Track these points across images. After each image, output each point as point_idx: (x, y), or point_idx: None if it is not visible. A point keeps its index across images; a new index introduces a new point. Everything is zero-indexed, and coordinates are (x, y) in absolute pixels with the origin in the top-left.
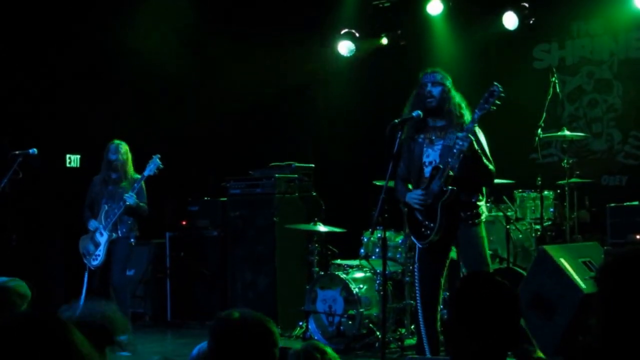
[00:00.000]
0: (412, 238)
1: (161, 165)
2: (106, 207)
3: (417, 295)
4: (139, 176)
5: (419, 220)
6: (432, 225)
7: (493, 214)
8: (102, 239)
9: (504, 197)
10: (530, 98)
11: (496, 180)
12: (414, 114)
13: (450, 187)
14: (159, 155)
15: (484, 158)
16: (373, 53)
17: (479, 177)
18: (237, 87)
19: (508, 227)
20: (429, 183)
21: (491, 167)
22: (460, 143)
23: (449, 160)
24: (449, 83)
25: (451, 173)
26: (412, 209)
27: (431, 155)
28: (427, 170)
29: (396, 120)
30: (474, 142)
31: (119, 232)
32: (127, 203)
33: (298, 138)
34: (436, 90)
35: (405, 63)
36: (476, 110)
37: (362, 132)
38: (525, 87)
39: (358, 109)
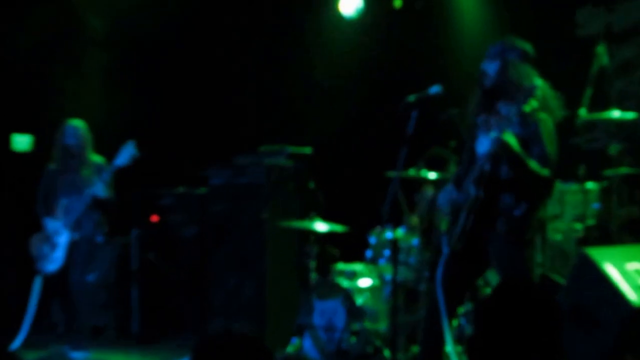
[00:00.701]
0: (443, 240)
1: (136, 154)
2: (65, 202)
3: (440, 301)
4: (101, 160)
5: (450, 221)
6: (454, 229)
7: None
8: (62, 239)
9: None
10: (571, 71)
11: None
12: (431, 90)
13: (477, 193)
14: (134, 142)
15: (529, 164)
16: (384, 17)
17: (525, 185)
18: (217, 54)
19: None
20: (466, 177)
21: (544, 172)
22: (488, 144)
23: (485, 153)
24: (513, 55)
25: (488, 169)
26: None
27: (483, 144)
28: (478, 163)
29: (411, 97)
30: (510, 145)
31: (83, 230)
32: (95, 195)
33: (293, 117)
34: (492, 68)
35: (423, 31)
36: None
37: (370, 112)
38: (565, 58)
39: (366, 83)
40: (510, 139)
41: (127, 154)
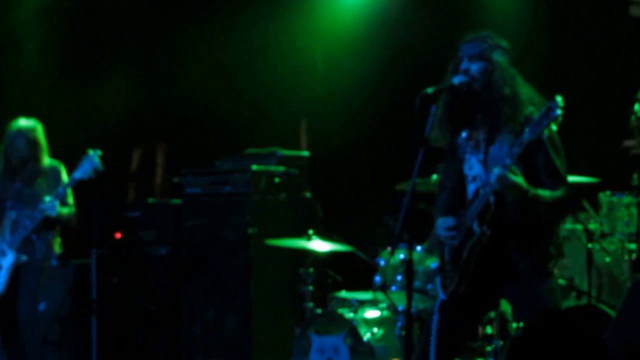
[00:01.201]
0: (437, 280)
1: (100, 167)
2: (13, 215)
3: (432, 353)
4: (57, 165)
5: (444, 258)
6: (453, 271)
7: (568, 226)
8: (5, 261)
9: (585, 203)
10: (622, 60)
11: (573, 179)
12: (455, 80)
13: (482, 229)
14: (99, 152)
15: (540, 195)
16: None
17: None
18: (199, 43)
19: (590, 246)
20: (467, 209)
21: (557, 194)
22: (492, 181)
23: (486, 190)
24: (498, 56)
25: (492, 207)
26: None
27: (475, 167)
28: (471, 188)
29: (428, 90)
30: (518, 184)
31: (36, 252)
32: (47, 214)
33: (286, 115)
34: (475, 69)
35: (441, 15)
36: (525, 133)
37: (378, 109)
38: (615, 43)
39: (373, 75)
40: (518, 179)
41: (89, 165)
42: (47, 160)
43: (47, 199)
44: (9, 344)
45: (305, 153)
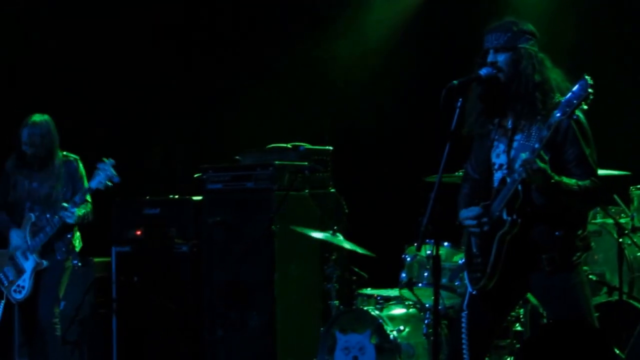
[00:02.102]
0: (465, 275)
1: (116, 177)
2: (33, 217)
3: (464, 350)
4: (74, 158)
5: (472, 252)
6: (484, 264)
7: (598, 220)
8: (28, 264)
9: (615, 197)
10: None
11: (604, 172)
12: (482, 71)
13: (512, 218)
14: (112, 161)
15: (565, 183)
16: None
17: (565, 207)
18: (219, 31)
19: (621, 240)
20: (493, 198)
21: (587, 184)
22: (517, 166)
23: (514, 177)
24: (529, 44)
25: (520, 195)
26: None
27: (502, 156)
28: (497, 177)
29: (455, 82)
30: (543, 169)
31: (57, 254)
32: (65, 221)
33: (309, 108)
34: (502, 60)
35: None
36: (554, 115)
37: (405, 101)
38: None
39: (400, 65)
40: (543, 165)
41: (103, 175)
42: (62, 154)
43: (65, 205)
44: (30, 344)
45: (329, 147)
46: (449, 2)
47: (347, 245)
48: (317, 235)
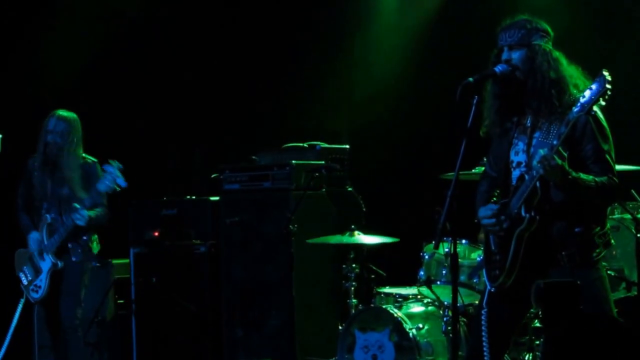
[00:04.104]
0: (483, 272)
1: (123, 181)
2: (49, 218)
3: (485, 347)
4: (92, 161)
5: (490, 249)
6: (502, 261)
7: (616, 216)
8: (45, 265)
9: (633, 192)
10: None
11: (621, 168)
12: (497, 68)
13: (530, 214)
14: (117, 164)
15: (582, 179)
16: None
17: (583, 204)
18: (233, 31)
19: (639, 235)
20: (511, 196)
21: (604, 180)
22: (535, 163)
23: (532, 174)
24: (543, 42)
25: (539, 192)
26: (487, 230)
27: (520, 153)
28: (515, 174)
29: (470, 79)
30: (561, 166)
31: (72, 256)
32: (77, 224)
33: (326, 107)
34: (516, 57)
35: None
36: (572, 112)
37: (421, 99)
38: None
39: (416, 64)
40: (560, 161)
41: (110, 178)
42: (80, 153)
43: (77, 206)
44: (52, 346)
45: (346, 146)
46: (467, 4)
47: (367, 240)
48: (334, 238)
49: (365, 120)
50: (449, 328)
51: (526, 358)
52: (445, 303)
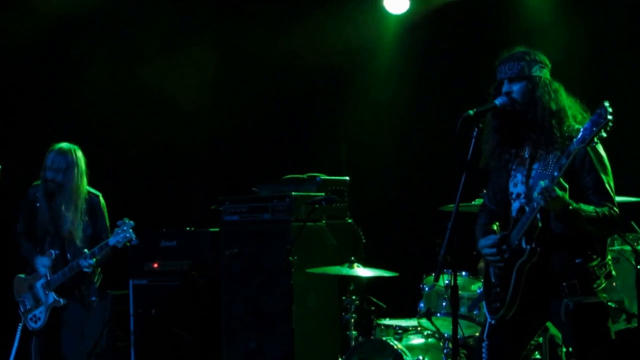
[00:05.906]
0: (483, 304)
1: (134, 239)
2: (53, 254)
3: None
4: (95, 194)
5: (490, 281)
6: (503, 294)
7: (616, 247)
8: (46, 299)
9: (633, 223)
10: None
11: (621, 199)
12: (497, 101)
13: (531, 246)
14: (132, 223)
15: (583, 209)
16: (438, 14)
17: (584, 235)
18: (234, 63)
19: (639, 267)
20: (512, 228)
21: (604, 210)
22: (536, 194)
23: (533, 205)
24: (542, 73)
25: (539, 224)
26: (487, 261)
27: (519, 185)
28: (515, 206)
29: (470, 112)
30: (562, 197)
31: (76, 292)
32: (81, 268)
33: (326, 139)
34: (516, 89)
35: (486, 31)
36: (573, 143)
37: (420, 131)
38: None
39: (414, 96)
40: (561, 192)
41: (122, 236)
42: (84, 189)
43: (86, 252)
44: None
45: (346, 177)
46: (467, 31)
47: (367, 273)
48: (334, 270)
49: (365, 152)
50: None
51: None
52: (446, 335)
